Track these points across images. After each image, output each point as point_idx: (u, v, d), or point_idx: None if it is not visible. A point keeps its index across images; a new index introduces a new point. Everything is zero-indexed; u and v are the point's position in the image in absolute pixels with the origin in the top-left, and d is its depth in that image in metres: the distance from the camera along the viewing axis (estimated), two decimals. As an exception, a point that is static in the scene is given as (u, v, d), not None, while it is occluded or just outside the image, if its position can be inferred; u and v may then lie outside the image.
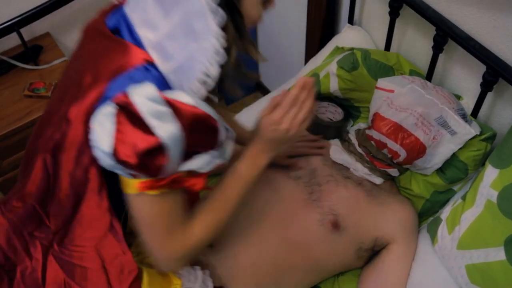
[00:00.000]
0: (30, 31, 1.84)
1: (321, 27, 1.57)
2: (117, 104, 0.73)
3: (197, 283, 1.02)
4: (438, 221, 1.17)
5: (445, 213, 1.15)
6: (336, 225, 1.13)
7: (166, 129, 0.72)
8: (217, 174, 1.49)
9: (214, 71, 0.76)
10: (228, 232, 1.16)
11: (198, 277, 1.03)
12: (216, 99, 0.87)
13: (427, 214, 1.26)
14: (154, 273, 0.97)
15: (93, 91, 0.78)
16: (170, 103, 0.74)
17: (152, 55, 0.79)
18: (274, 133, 0.90)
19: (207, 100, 0.82)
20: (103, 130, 0.73)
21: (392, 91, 1.19)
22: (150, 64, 0.78)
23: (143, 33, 0.79)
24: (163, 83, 0.78)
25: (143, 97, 0.72)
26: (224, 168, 0.94)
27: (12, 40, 1.79)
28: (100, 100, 0.77)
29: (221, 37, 0.75)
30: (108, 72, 0.78)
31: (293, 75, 1.59)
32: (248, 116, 1.64)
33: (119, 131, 0.72)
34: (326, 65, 1.37)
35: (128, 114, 0.73)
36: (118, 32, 0.83)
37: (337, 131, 1.32)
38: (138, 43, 0.80)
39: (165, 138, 0.72)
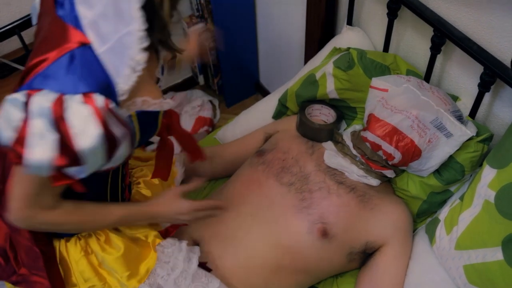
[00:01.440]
0: (32, 34, 1.85)
1: (320, 28, 1.58)
2: (27, 96, 0.72)
3: (181, 254, 1.05)
4: (436, 221, 1.17)
5: (443, 213, 1.16)
6: (324, 234, 1.13)
7: (37, 154, 0.72)
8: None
9: (141, 57, 0.76)
10: (216, 235, 1.17)
11: (182, 249, 1.06)
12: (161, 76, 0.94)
13: (424, 215, 1.26)
14: (132, 245, 1.00)
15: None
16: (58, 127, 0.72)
17: (88, 35, 0.77)
18: (174, 216, 1.02)
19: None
20: (7, 117, 0.72)
21: (386, 90, 1.18)
22: (85, 45, 0.76)
23: (82, 10, 0.77)
24: (93, 68, 0.76)
25: (36, 107, 0.71)
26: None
27: (13, 43, 1.79)
28: (24, 86, 0.76)
29: (143, 20, 0.74)
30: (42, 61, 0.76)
31: (292, 76, 1.60)
32: (248, 116, 1.64)
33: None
34: (323, 65, 1.37)
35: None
36: (62, 6, 0.80)
37: (329, 133, 1.32)
38: (76, 23, 0.78)
39: (31, 162, 0.72)
